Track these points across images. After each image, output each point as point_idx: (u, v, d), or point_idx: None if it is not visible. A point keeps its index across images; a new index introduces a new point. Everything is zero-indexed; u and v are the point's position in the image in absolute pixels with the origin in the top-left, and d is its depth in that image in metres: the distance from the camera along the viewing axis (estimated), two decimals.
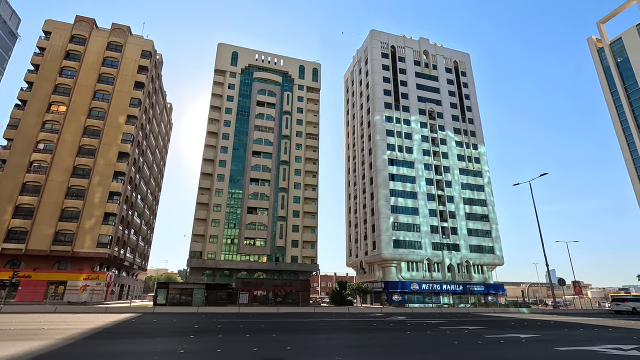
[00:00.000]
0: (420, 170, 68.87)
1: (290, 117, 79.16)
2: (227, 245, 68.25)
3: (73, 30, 56.52)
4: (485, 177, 72.91)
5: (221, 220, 68.44)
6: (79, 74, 54.48)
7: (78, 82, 54.22)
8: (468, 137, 75.46)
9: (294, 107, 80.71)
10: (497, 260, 67.51)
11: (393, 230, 62.83)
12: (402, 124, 71.47)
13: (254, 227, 69.45)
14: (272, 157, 74.49)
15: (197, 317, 27.60)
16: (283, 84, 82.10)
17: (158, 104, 71.50)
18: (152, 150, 69.69)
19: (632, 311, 37.40)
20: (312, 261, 71.55)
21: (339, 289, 62.69)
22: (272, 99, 79.04)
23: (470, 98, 79.81)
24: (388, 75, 74.67)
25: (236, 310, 37.83)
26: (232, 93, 77.44)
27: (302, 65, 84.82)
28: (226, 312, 35.47)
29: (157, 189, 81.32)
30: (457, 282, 62.97)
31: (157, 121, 71.78)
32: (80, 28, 57.10)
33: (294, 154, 76.75)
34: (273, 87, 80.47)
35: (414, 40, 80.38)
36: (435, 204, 67.17)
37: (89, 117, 53.15)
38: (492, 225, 69.43)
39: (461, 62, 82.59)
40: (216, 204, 69.05)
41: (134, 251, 64.34)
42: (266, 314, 33.02)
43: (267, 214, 71.01)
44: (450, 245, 65.23)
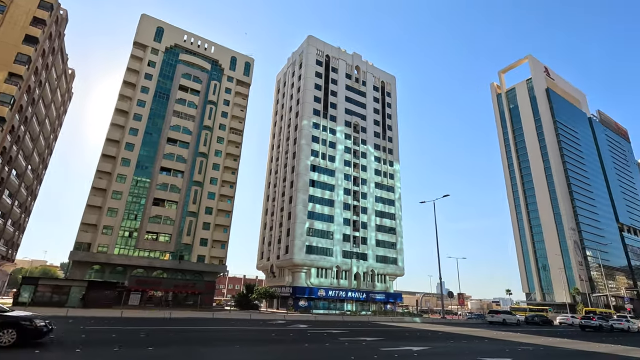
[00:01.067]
0: (340, 179, 70.69)
1: (215, 108, 74.69)
2: (123, 238, 60.80)
3: None
4: (397, 193, 78.11)
5: (120, 209, 60.80)
6: None
7: None
8: (386, 154, 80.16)
9: (221, 98, 76.47)
10: (399, 271, 72.43)
11: (307, 235, 62.99)
12: (328, 133, 72.72)
13: (159, 220, 63.26)
14: (189, 147, 69.12)
15: (62, 321, 23.15)
16: (211, 72, 77.30)
17: (56, 68, 60.92)
18: (40, 120, 58.91)
19: (502, 322, 43.06)
20: (220, 262, 67.83)
21: (246, 293, 60.39)
22: (197, 85, 73.73)
23: (392, 118, 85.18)
24: (320, 83, 75.54)
25: (119, 314, 33.22)
26: (152, 72, 70.16)
27: (235, 56, 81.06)
28: (105, 316, 30.84)
29: (41, 167, 69.05)
30: (362, 290, 65.68)
31: (51, 87, 61.04)
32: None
33: (214, 147, 72.42)
34: (200, 74, 75.16)
35: (348, 54, 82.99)
36: (350, 214, 69.45)
37: None
38: (398, 238, 74.44)
39: (387, 83, 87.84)
40: (116, 190, 61.23)
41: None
42: (154, 320, 29.51)
43: (176, 207, 65.34)
44: (359, 254, 67.90)
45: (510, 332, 31.15)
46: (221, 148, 73.17)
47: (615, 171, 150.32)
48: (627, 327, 42.66)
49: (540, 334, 29.73)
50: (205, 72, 76.13)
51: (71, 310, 33.65)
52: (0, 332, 11.48)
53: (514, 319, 44.24)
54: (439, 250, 39.51)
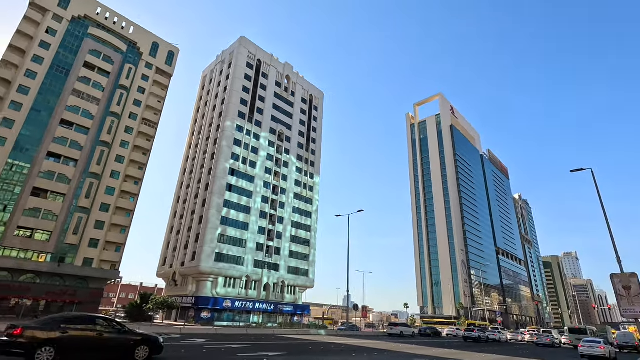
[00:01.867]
0: (259, 186, 68.87)
1: (126, 94, 67.12)
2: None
3: None
4: (315, 205, 79.14)
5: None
6: None
7: None
8: (308, 166, 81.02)
9: (136, 84, 69.14)
10: (309, 283, 72.71)
11: (219, 242, 59.40)
12: (252, 138, 70.68)
13: (37, 214, 53.47)
14: (88, 134, 60.47)
15: None
16: (127, 55, 69.63)
17: None
18: None
19: (400, 334, 45.73)
20: (113, 267, 59.84)
21: (140, 303, 53.88)
22: (108, 66, 65.54)
23: (317, 132, 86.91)
24: (249, 86, 73.51)
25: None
26: (51, 40, 60.29)
27: (157, 42, 74.46)
28: None
29: None
30: (270, 302, 64.00)
31: None
32: None
33: (120, 137, 64.70)
34: (112, 54, 67.04)
35: (280, 62, 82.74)
36: (266, 222, 67.81)
37: None
38: (312, 250, 75.02)
39: (316, 97, 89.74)
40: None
41: None
42: None
43: (62, 200, 56.03)
44: (271, 264, 66.37)
45: (407, 344, 32.99)
46: (129, 139, 65.67)
47: (497, 203, 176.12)
48: (499, 338, 49.25)
49: (432, 346, 32.09)
50: (119, 53, 68.19)
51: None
52: (138, 349, 13.45)
53: (410, 331, 47.43)
54: (349, 263, 40.69)
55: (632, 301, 22.53)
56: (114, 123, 64.10)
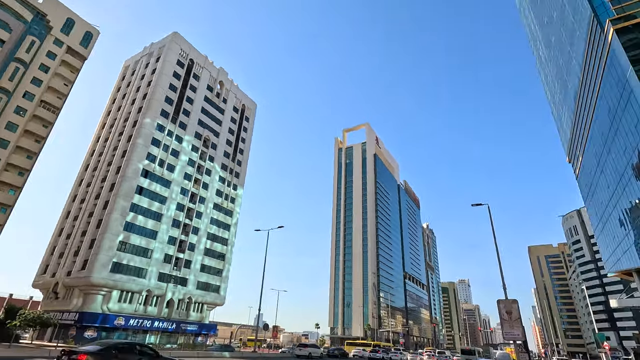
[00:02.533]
0: (176, 192, 63.65)
1: (24, 70, 57.66)
2: None
3: None
4: (235, 218, 75.76)
5: None
6: None
7: None
8: (232, 177, 77.82)
9: (37, 60, 59.96)
10: (220, 300, 68.26)
11: (118, 250, 52.59)
12: (173, 139, 65.62)
13: None
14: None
15: None
16: (31, 25, 60.30)
17: None
18: None
19: (309, 356, 44.86)
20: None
21: (4, 318, 44.27)
22: (4, 33, 55.77)
23: (246, 143, 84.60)
24: (177, 85, 68.83)
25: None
26: None
27: (73, 19, 66.07)
28: None
29: None
30: (172, 320, 58.18)
31: None
32: None
33: (7, 118, 54.85)
34: (12, 20, 57.39)
35: (214, 66, 79.63)
36: (178, 232, 62.49)
37: None
38: (226, 265, 71.04)
39: (248, 108, 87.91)
40: None
41: None
42: None
43: None
44: (178, 278, 60.88)
45: None
46: (19, 122, 55.95)
47: (408, 230, 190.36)
48: (400, 359, 51.55)
49: None
50: (21, 22, 58.64)
51: None
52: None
53: (318, 352, 46.90)
54: (263, 281, 38.99)
55: (512, 325, 25.46)
56: (1, 100, 54.10)
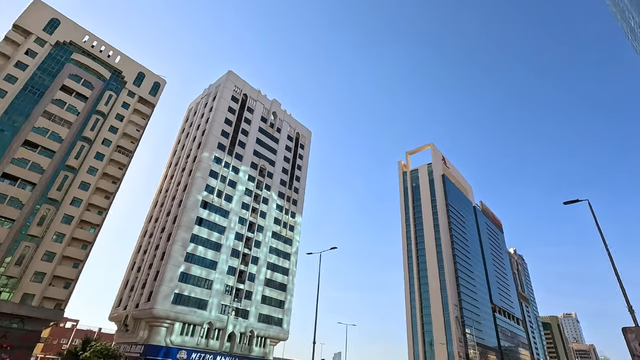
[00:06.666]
0: (234, 222, 63.84)
1: (103, 120, 64.63)
2: None
3: None
4: (294, 247, 73.41)
5: None
6: None
7: None
8: (289, 204, 76.63)
9: (114, 111, 67.05)
10: (283, 335, 64.69)
11: (180, 281, 53.00)
12: (230, 170, 67.12)
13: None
14: (53, 157, 56.77)
15: None
16: (109, 82, 68.42)
17: None
18: None
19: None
20: (58, 306, 52.66)
21: (78, 350, 46.22)
22: (87, 90, 63.78)
23: (302, 170, 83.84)
24: (232, 119, 71.64)
25: None
26: (29, 62, 58.94)
27: (143, 73, 73.86)
28: None
29: None
30: (234, 355, 55.87)
31: None
32: None
33: (89, 163, 60.99)
34: (94, 80, 65.68)
35: (267, 98, 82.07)
36: (237, 262, 61.75)
37: None
38: (288, 296, 67.95)
39: (303, 136, 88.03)
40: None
41: None
42: None
43: (9, 227, 50.58)
44: (239, 310, 59.17)
45: None
46: (98, 166, 61.88)
47: (492, 257, 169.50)
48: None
49: None
50: (101, 80, 66.90)
51: None
52: None
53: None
54: (317, 309, 34.71)
55: None
56: (84, 148, 60.72)
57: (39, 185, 54.70)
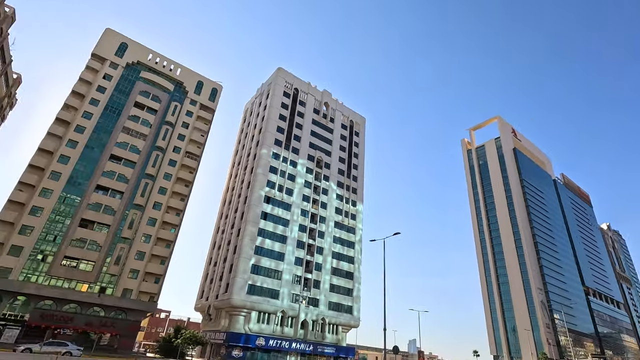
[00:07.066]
0: (296, 214, 65.61)
1: (171, 130, 70.30)
2: (35, 262, 52.19)
3: None
4: (358, 235, 73.25)
5: (37, 228, 52.89)
6: None
7: None
8: (349, 193, 76.46)
9: (180, 120, 72.48)
10: (354, 322, 65.28)
11: (252, 273, 56.14)
12: (289, 165, 68.90)
13: (84, 244, 55.39)
14: (135, 167, 63.35)
15: None
16: (173, 93, 74.01)
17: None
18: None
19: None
20: (151, 298, 59.16)
21: (170, 338, 51.61)
22: (156, 104, 69.84)
23: (359, 157, 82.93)
24: (285, 114, 73.24)
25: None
26: (107, 85, 66.16)
27: (202, 81, 78.73)
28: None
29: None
30: (309, 341, 57.84)
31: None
32: None
33: (164, 170, 66.88)
34: (160, 93, 71.66)
35: (318, 90, 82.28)
36: (303, 253, 63.48)
37: None
38: (355, 284, 68.22)
39: (357, 123, 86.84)
40: (37, 206, 53.79)
41: None
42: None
43: (107, 231, 57.86)
44: (309, 299, 60.94)
45: None
46: (172, 171, 67.67)
47: (579, 234, 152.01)
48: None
49: None
50: (166, 93, 72.75)
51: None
52: None
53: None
54: (385, 293, 34.15)
55: None
56: (159, 157, 66.70)
57: (126, 193, 61.62)
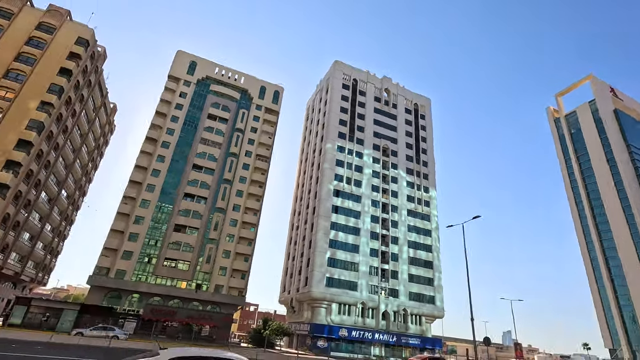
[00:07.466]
0: (367, 205, 65.02)
1: (242, 136, 74.81)
2: (142, 264, 60.00)
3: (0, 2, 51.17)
4: (434, 222, 69.92)
5: (141, 235, 60.67)
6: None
7: None
8: (420, 179, 73.28)
9: (249, 125, 76.71)
10: (437, 312, 62.65)
11: (328, 266, 57.25)
12: (354, 156, 68.51)
13: (179, 247, 62.01)
14: (214, 174, 68.87)
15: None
16: (240, 101, 78.55)
17: (94, 100, 65.40)
18: (75, 147, 62.41)
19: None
20: (239, 293, 63.98)
21: (259, 329, 55.24)
22: (226, 114, 74.92)
23: (427, 141, 78.93)
24: (346, 106, 72.83)
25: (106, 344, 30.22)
26: (183, 102, 72.82)
27: (264, 86, 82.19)
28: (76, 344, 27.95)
29: (78, 194, 72.65)
30: (392, 332, 57.10)
31: (88, 118, 65.22)
32: (10, 2, 51.89)
33: (239, 174, 71.49)
34: (229, 103, 76.67)
35: (377, 77, 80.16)
36: (377, 244, 62.72)
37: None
38: (436, 273, 65.33)
39: (422, 106, 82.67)
40: (139, 215, 61.60)
41: (25, 259, 54.82)
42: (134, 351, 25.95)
43: (196, 234, 63.99)
44: (388, 290, 60.06)
45: None
46: (246, 175, 72.03)
47: None
48: None
49: None
50: (234, 102, 77.54)
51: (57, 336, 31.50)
52: None
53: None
54: (469, 283, 31.89)
55: None
56: (233, 162, 71.53)
57: (209, 198, 67.39)
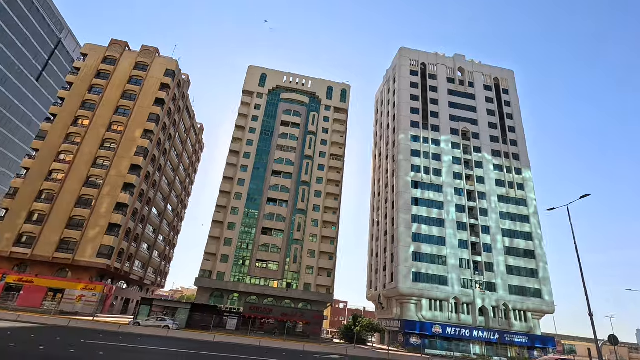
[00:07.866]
0: (450, 195, 61.08)
1: (314, 138, 76.73)
2: (237, 266, 65.42)
3: (106, 52, 60.90)
4: (531, 207, 62.49)
5: (234, 239, 66.23)
6: (105, 90, 57.84)
7: (104, 98, 57.44)
8: (510, 161, 66.23)
9: (320, 127, 78.35)
10: (546, 307, 55.80)
11: (413, 261, 55.24)
12: (431, 144, 64.98)
13: (267, 249, 66.10)
14: (292, 178, 71.89)
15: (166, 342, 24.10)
16: (310, 105, 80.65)
17: (184, 123, 73.55)
18: (174, 167, 70.93)
19: None
20: (327, 291, 65.61)
21: (350, 325, 55.80)
22: (297, 119, 77.64)
23: (514, 118, 70.98)
24: (417, 93, 69.50)
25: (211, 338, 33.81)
26: (258, 113, 77.54)
27: (331, 86, 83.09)
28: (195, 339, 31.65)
29: (180, 207, 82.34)
30: (492, 329, 52.63)
31: (182, 139, 73.56)
32: (114, 50, 61.35)
33: (315, 175, 73.42)
34: (299, 108, 79.31)
35: (447, 57, 74.85)
36: (466, 235, 58.44)
37: (108, 130, 55.49)
38: (540, 263, 58.27)
39: (503, 79, 74.68)
40: (231, 222, 67.30)
41: (145, 266, 64.10)
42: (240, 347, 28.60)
43: (282, 236, 67.51)
44: (483, 283, 55.52)
45: None
46: (322, 175, 73.61)
47: None
48: None
49: None
50: (304, 106, 79.94)
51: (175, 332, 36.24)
52: None
53: None
54: (582, 272, 27.54)
55: None
56: (309, 164, 73.73)
57: (290, 201, 70.56)
